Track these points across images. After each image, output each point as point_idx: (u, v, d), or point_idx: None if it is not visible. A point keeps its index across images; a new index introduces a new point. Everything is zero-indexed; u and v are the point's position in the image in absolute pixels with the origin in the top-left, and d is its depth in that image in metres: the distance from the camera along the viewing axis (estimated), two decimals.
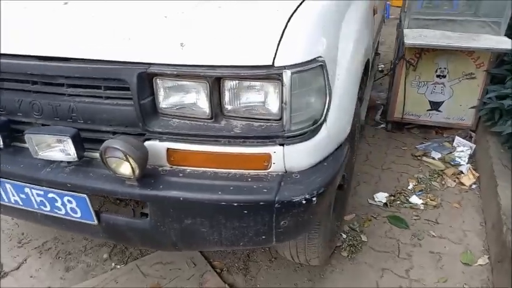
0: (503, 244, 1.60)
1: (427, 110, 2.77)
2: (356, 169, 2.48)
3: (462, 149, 2.53)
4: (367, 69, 1.76)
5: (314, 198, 1.01)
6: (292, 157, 1.03)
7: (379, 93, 3.52)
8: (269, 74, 0.94)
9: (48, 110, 1.11)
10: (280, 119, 0.99)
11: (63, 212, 1.16)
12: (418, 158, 2.57)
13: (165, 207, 1.04)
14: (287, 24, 0.98)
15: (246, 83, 0.99)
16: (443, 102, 2.70)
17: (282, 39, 0.95)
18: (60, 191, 1.11)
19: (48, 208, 1.17)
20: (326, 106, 1.06)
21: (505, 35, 2.42)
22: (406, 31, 2.55)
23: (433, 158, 2.53)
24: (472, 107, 2.57)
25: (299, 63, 0.95)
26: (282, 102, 0.97)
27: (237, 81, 0.98)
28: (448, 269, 1.74)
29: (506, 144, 2.09)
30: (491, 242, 1.80)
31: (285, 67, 0.94)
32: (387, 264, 1.77)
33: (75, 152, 1.06)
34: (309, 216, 1.06)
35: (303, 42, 0.98)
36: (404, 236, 1.93)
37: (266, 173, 1.05)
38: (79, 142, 1.07)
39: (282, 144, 1.01)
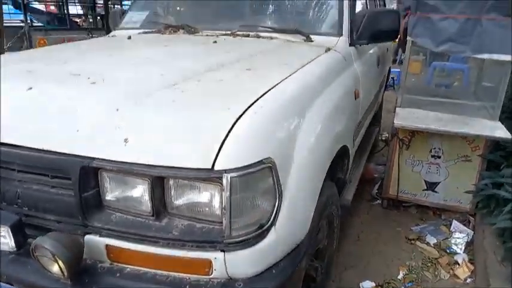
0: None
1: (423, 190, 2.66)
2: (345, 250, 2.35)
3: (459, 236, 2.37)
4: (347, 153, 1.73)
5: None
6: (235, 264, 0.96)
7: (377, 166, 3.45)
8: (208, 177, 0.91)
9: None
10: (222, 222, 0.94)
11: None
12: (412, 241, 2.42)
13: None
14: (234, 124, 0.96)
15: (189, 183, 0.96)
16: (439, 183, 2.60)
17: (226, 141, 0.93)
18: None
19: None
20: (275, 209, 1.00)
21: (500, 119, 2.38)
22: (397, 110, 2.54)
23: (428, 243, 2.38)
24: (467, 192, 2.46)
25: (242, 167, 0.92)
26: (222, 206, 0.92)
27: (179, 181, 0.95)
28: None
29: (502, 238, 1.95)
30: None
31: (225, 171, 0.90)
32: None
33: (13, 241, 1.02)
34: None
35: (249, 144, 0.96)
36: None
37: (208, 279, 0.98)
38: (19, 231, 1.03)
39: (223, 250, 0.95)
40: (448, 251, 2.31)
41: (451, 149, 2.48)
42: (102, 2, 7.90)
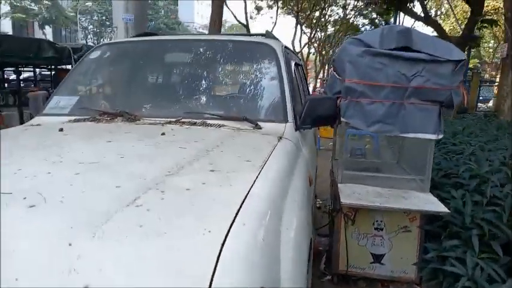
0: None
1: (370, 263, 2.69)
2: None
3: None
4: (310, 244, 1.66)
5: None
6: None
7: (320, 238, 3.45)
8: None
9: None
10: None
11: None
12: None
13: None
14: (219, 255, 0.83)
15: None
16: (384, 254, 2.67)
17: (214, 279, 0.78)
18: None
19: None
20: None
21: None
22: (340, 186, 2.62)
23: None
24: (413, 264, 2.55)
25: None
26: None
27: None
28: None
29: None
30: None
31: None
32: None
33: None
34: None
35: (239, 276, 0.82)
36: None
37: None
38: None
39: None
40: None
41: (392, 220, 2.60)
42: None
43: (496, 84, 16.82)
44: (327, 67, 32.55)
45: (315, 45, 29.06)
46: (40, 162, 1.27)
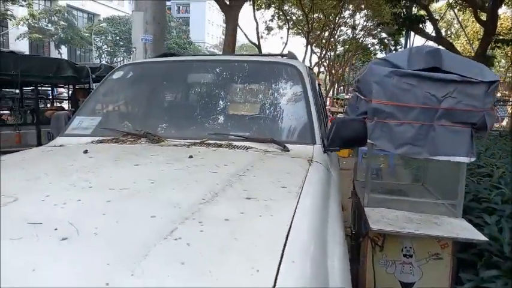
0: None
1: None
2: None
3: None
4: None
5: None
6: None
7: None
8: None
9: None
10: None
11: None
12: None
13: None
14: None
15: None
16: (414, 283, 2.52)
17: None
18: None
19: None
20: None
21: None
22: (367, 211, 2.51)
23: None
24: None
25: None
26: None
27: None
28: None
29: None
30: None
31: None
32: None
33: None
34: None
35: None
36: None
37: None
38: None
39: None
40: None
41: (422, 247, 2.47)
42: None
43: (510, 103, 16.65)
44: (336, 86, 32.63)
45: (325, 64, 29.30)
46: (68, 188, 1.21)
